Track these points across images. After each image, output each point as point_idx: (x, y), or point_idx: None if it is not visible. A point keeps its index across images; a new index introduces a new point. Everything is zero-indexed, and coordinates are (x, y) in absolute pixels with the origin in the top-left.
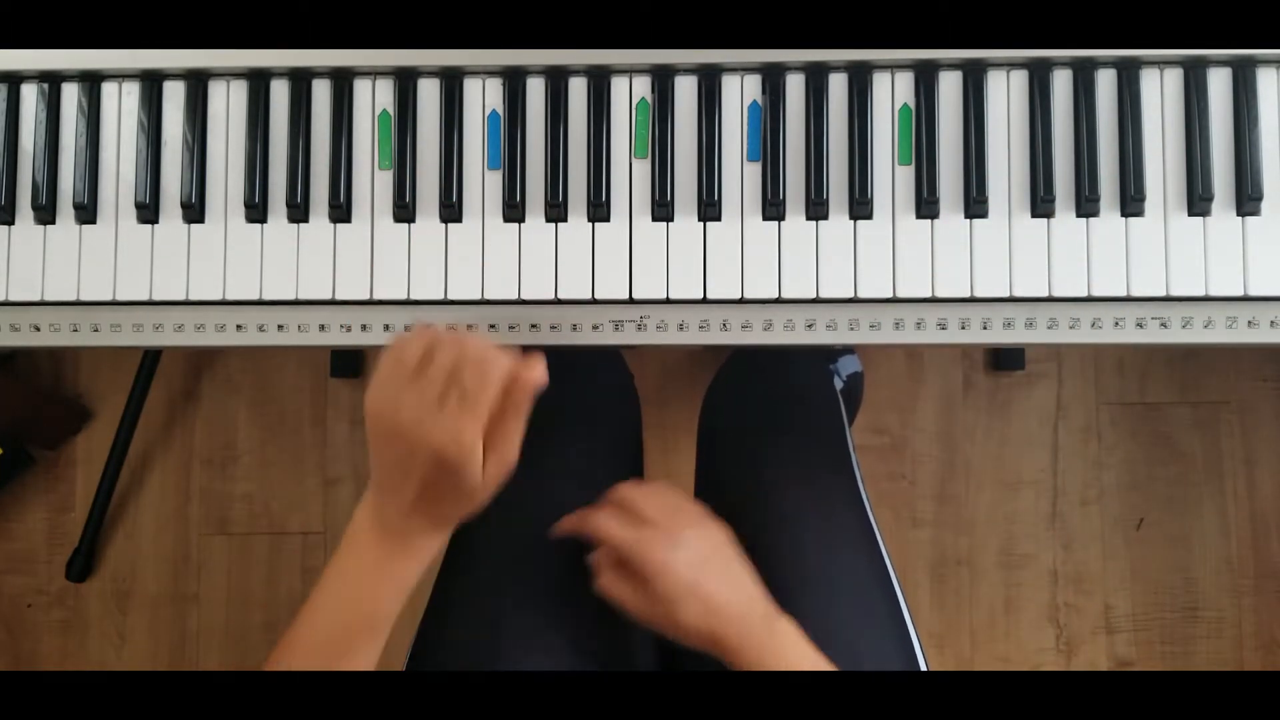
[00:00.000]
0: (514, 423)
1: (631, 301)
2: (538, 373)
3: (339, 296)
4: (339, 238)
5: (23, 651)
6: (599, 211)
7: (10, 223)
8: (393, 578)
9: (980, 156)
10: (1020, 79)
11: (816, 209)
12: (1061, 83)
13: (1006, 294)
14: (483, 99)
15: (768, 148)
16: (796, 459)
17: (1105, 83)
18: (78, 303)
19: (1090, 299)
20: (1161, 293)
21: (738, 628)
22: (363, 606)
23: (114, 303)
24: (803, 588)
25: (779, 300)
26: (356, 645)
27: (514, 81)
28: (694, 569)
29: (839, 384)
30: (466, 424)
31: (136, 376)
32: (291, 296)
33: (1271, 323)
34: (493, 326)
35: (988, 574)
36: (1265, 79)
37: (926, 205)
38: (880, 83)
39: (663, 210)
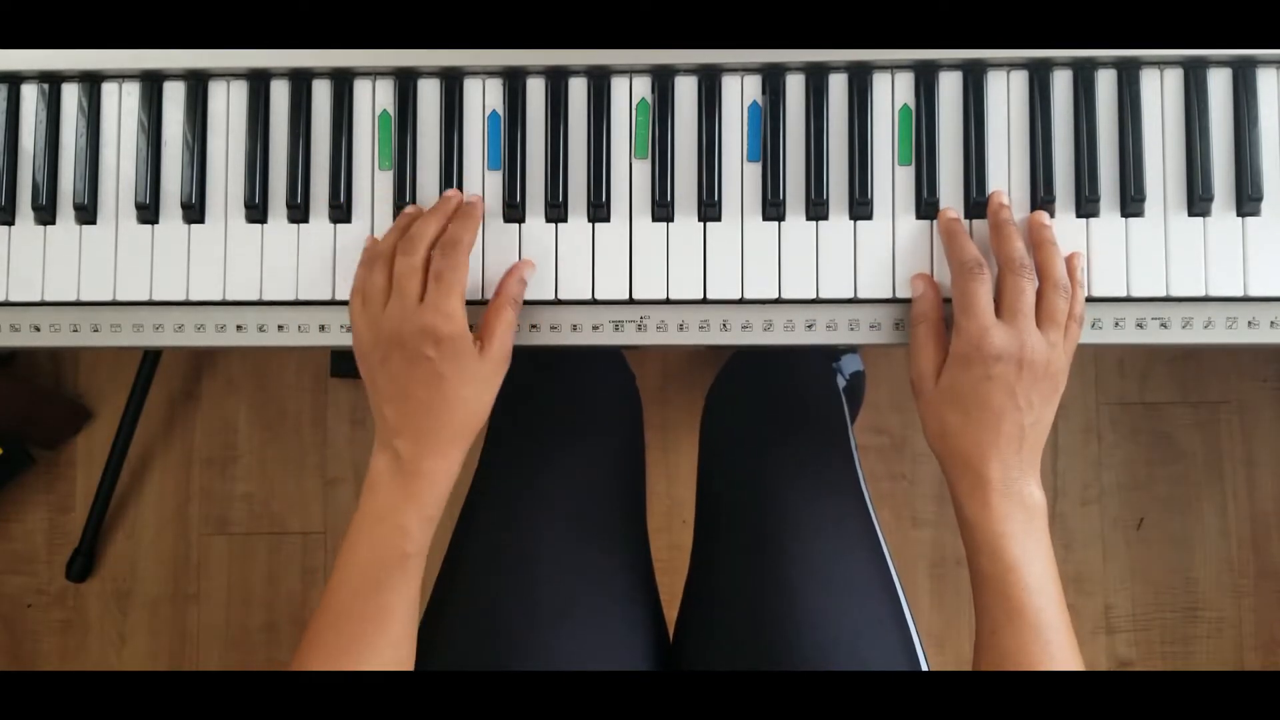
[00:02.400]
0: (504, 313)
1: (631, 301)
2: (524, 267)
3: (339, 297)
4: (339, 238)
5: (23, 651)
6: (599, 212)
7: (10, 223)
8: (417, 507)
9: (980, 157)
10: (1020, 79)
11: (816, 209)
12: (1061, 83)
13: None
14: (483, 99)
15: (768, 148)
16: (799, 457)
17: (1105, 83)
18: (78, 303)
19: (1090, 299)
20: (1161, 293)
21: (1005, 465)
22: (393, 540)
23: (114, 303)
24: (805, 585)
25: (779, 300)
26: (392, 578)
27: (514, 81)
28: (1045, 381)
29: (841, 382)
30: (444, 296)
31: (136, 376)
32: (291, 296)
33: (1271, 323)
34: None
35: None
36: (1265, 79)
37: (926, 205)
38: (880, 83)
39: (663, 210)
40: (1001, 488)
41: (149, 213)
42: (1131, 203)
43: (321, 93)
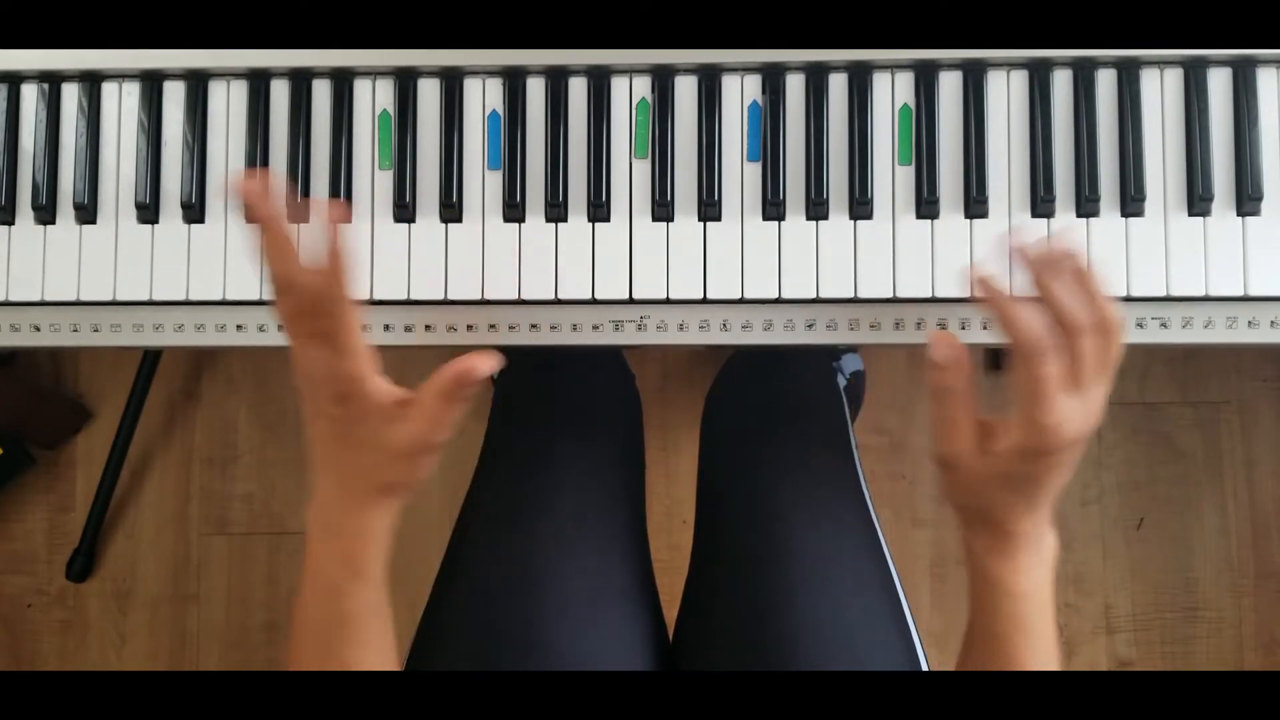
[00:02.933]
0: (439, 402)
1: (631, 301)
2: (467, 367)
3: None
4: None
5: (23, 651)
6: (599, 211)
7: (10, 223)
8: (349, 568)
9: (980, 156)
10: (1020, 79)
11: (816, 209)
12: (1061, 83)
13: (1007, 294)
14: (483, 99)
15: (768, 148)
16: (800, 456)
17: (1105, 83)
18: (78, 303)
19: None
20: (1161, 293)
21: (1032, 526)
22: (329, 599)
23: (114, 303)
24: (806, 585)
25: (779, 300)
26: (343, 635)
27: (514, 81)
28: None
29: (842, 381)
30: (324, 322)
31: (136, 376)
32: None
33: (1271, 323)
34: (493, 326)
35: None
36: (1265, 79)
37: (926, 205)
38: (880, 83)
39: (663, 210)
40: (1032, 545)
41: (149, 212)
42: (1131, 202)
43: (321, 92)
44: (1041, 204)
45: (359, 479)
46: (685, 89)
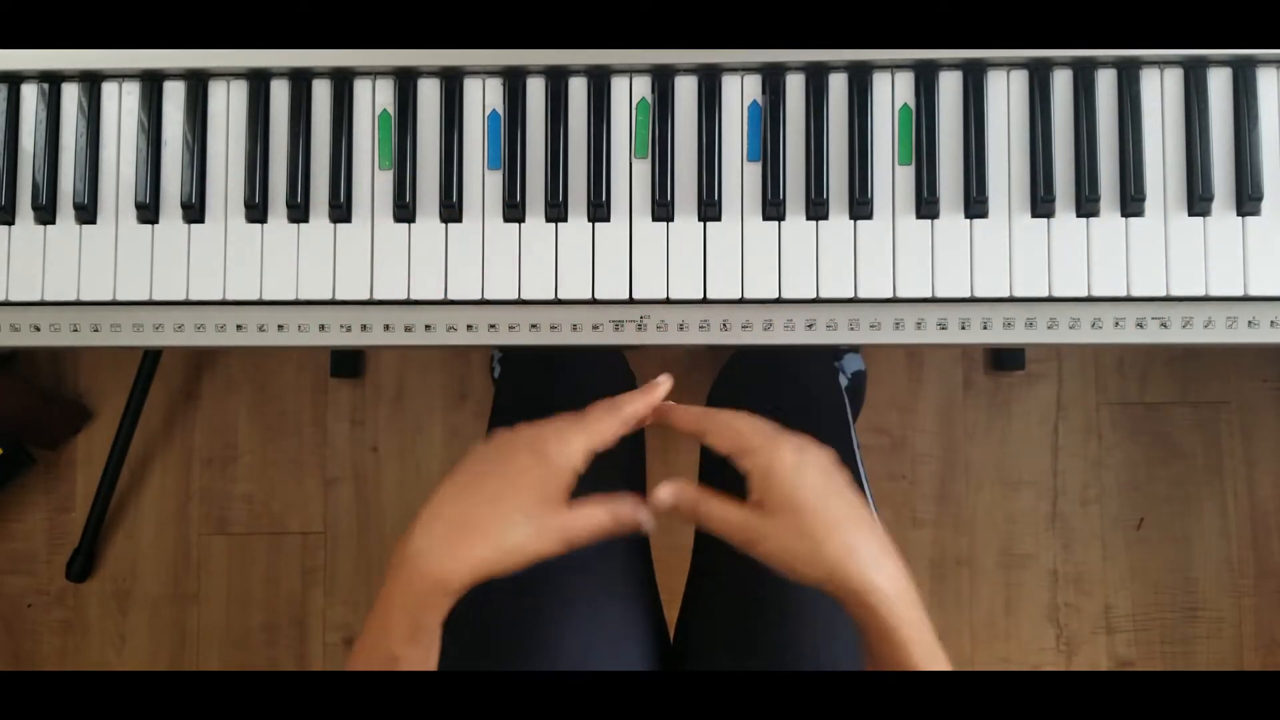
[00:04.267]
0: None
1: (631, 301)
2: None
3: (339, 296)
4: (339, 238)
5: (23, 651)
6: (599, 211)
7: (10, 223)
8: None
9: (980, 156)
10: (1020, 79)
11: (816, 209)
12: (1061, 83)
13: (1007, 294)
14: (483, 99)
15: (768, 148)
16: None
17: (1105, 83)
18: (78, 303)
19: (1090, 299)
20: (1161, 293)
21: (890, 591)
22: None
23: (114, 303)
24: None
25: (779, 300)
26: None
27: (514, 81)
28: (826, 502)
29: (844, 381)
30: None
31: (136, 376)
32: (291, 296)
33: (1271, 323)
34: (493, 326)
35: (988, 574)
36: (1265, 79)
37: (926, 205)
38: (880, 83)
39: (663, 210)
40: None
41: (149, 212)
42: (1131, 202)
43: (321, 92)
44: (1041, 204)
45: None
46: (685, 89)
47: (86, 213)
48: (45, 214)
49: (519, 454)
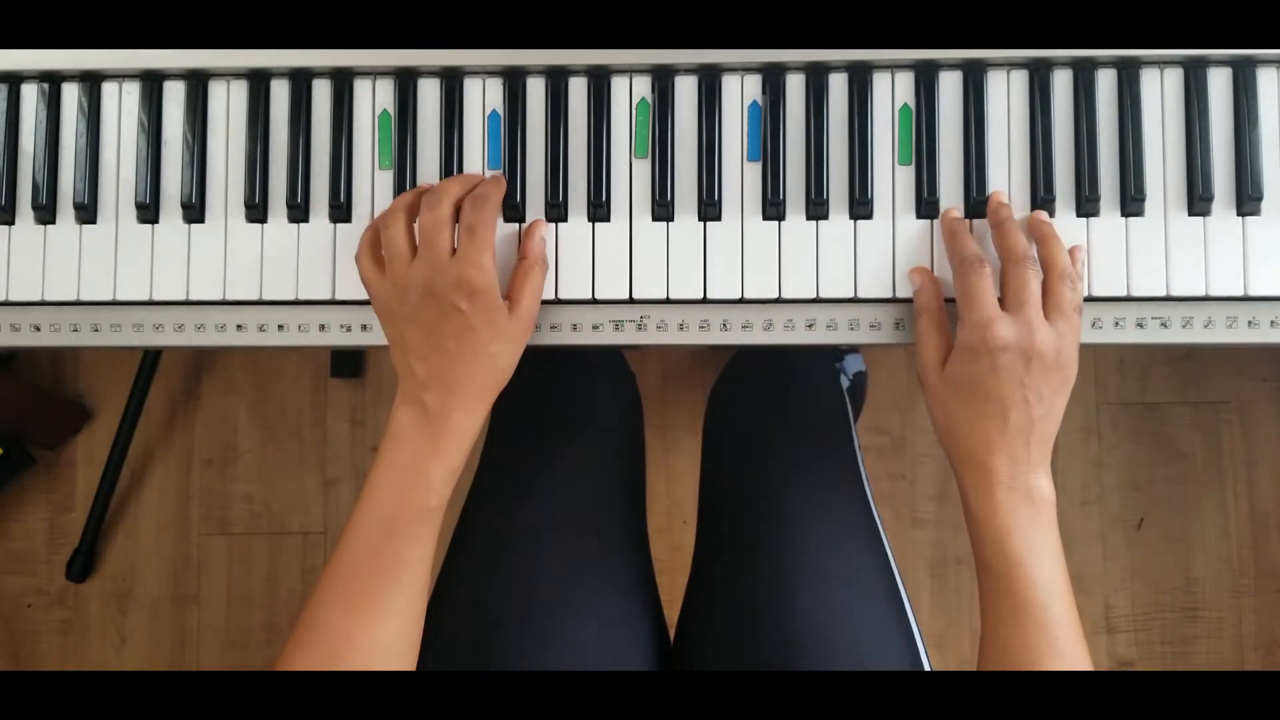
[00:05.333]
0: (533, 273)
1: (631, 301)
2: (540, 225)
3: (339, 296)
4: (339, 238)
5: (23, 651)
6: (599, 211)
7: (10, 223)
8: (443, 460)
9: (980, 156)
10: (1020, 79)
11: (816, 209)
12: (1061, 83)
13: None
14: (483, 99)
15: (768, 148)
16: (802, 456)
17: (1105, 83)
18: (78, 303)
19: (1091, 299)
20: (1161, 293)
21: (1012, 459)
22: (414, 494)
23: (114, 303)
24: (808, 585)
25: (779, 300)
26: (414, 530)
27: (514, 81)
28: (1056, 372)
29: (845, 382)
30: (478, 250)
31: (136, 376)
32: (291, 296)
33: (1271, 323)
34: None
35: None
36: (1265, 79)
37: (926, 205)
38: (880, 83)
39: (663, 210)
40: (1008, 481)
41: (149, 212)
42: (1131, 202)
43: (321, 92)
44: (1041, 204)
45: (474, 381)
46: (685, 89)
47: (86, 213)
48: (45, 214)
49: (453, 314)
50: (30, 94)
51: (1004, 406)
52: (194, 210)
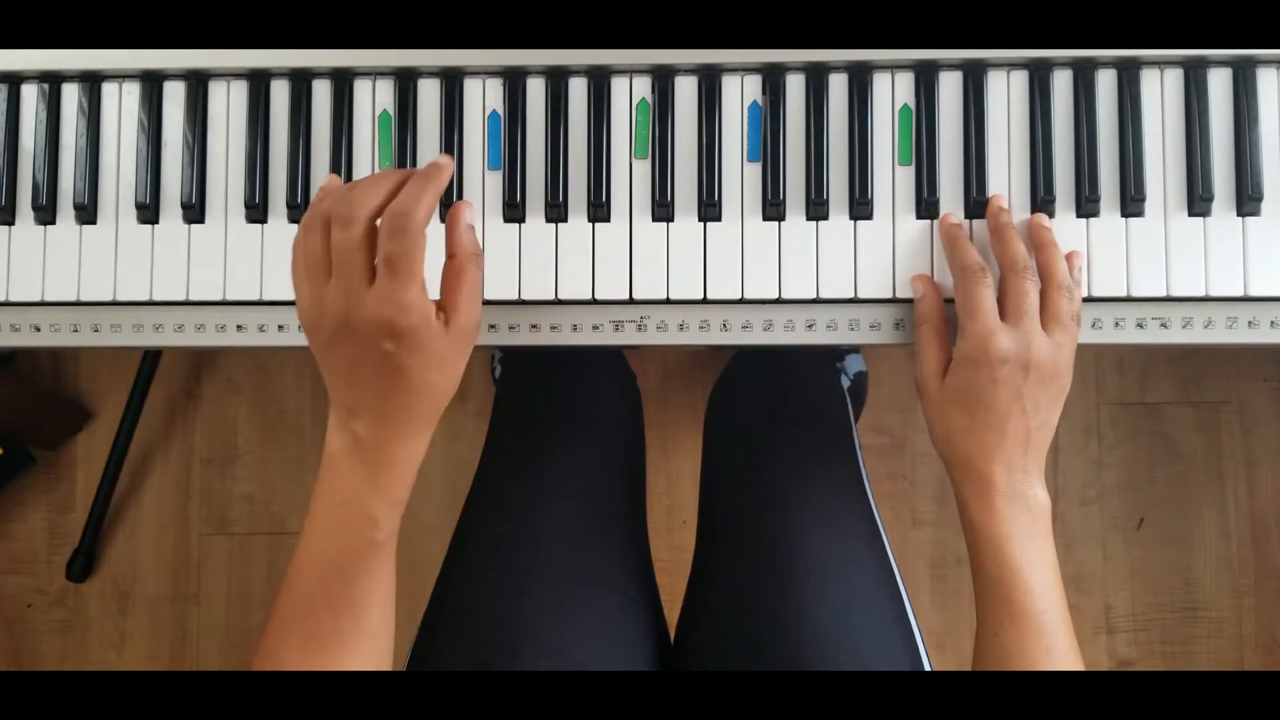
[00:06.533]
0: (466, 274)
1: (631, 301)
2: (464, 207)
3: None
4: None
5: (23, 651)
6: (599, 211)
7: (10, 223)
8: (382, 496)
9: (980, 157)
10: (1020, 79)
11: (816, 209)
12: (1061, 83)
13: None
14: (483, 99)
15: (768, 148)
16: (803, 457)
17: (1105, 83)
18: (78, 303)
19: (1091, 299)
20: (1161, 293)
21: (1009, 468)
22: (358, 531)
23: (114, 303)
24: (808, 583)
25: (779, 300)
26: (364, 565)
27: (514, 81)
28: (1053, 383)
29: (845, 382)
30: (401, 284)
31: (136, 376)
32: (291, 296)
33: (1271, 323)
34: (493, 327)
35: None
36: (1265, 79)
37: (927, 205)
38: (880, 83)
39: (663, 210)
40: (1006, 490)
41: (149, 213)
42: (1131, 203)
43: (322, 93)
44: (1041, 204)
45: (411, 411)
46: (685, 89)
47: (86, 213)
48: (45, 214)
49: (379, 357)
50: (30, 94)
51: (1003, 417)
52: (194, 210)
